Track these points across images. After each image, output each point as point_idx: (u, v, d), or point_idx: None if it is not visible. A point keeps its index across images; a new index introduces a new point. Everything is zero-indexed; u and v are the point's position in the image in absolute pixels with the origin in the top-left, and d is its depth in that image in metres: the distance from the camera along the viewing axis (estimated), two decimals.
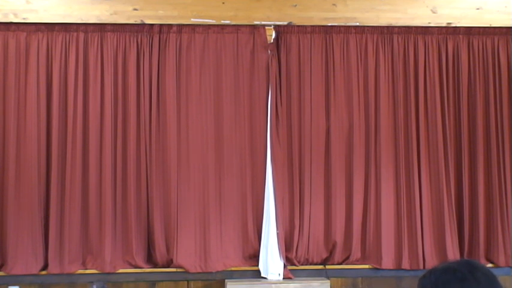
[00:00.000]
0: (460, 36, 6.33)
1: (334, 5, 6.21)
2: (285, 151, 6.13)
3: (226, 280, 5.87)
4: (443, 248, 6.07)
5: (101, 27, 6.05)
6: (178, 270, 5.93)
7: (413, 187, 6.13)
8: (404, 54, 6.29)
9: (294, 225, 6.07)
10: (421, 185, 6.14)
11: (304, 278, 5.96)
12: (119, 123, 5.99)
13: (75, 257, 5.87)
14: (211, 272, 5.93)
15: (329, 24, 6.21)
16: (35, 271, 5.80)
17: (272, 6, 6.17)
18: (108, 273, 5.85)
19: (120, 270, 5.90)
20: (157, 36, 6.08)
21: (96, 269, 5.87)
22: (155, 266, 5.99)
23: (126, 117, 6.01)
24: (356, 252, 6.12)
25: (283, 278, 5.92)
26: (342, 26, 6.23)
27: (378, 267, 6.08)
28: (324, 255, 6.13)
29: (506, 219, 6.16)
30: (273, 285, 5.84)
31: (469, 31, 6.34)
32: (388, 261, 6.08)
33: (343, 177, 6.15)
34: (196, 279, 5.95)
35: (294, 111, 6.16)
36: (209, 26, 6.14)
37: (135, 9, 6.06)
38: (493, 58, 6.33)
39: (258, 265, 5.96)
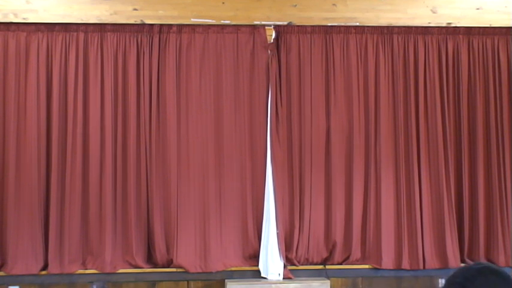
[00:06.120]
0: (460, 36, 6.33)
1: (334, 5, 6.21)
2: (285, 151, 6.13)
3: (226, 280, 5.87)
4: (443, 248, 6.07)
5: (101, 27, 6.05)
6: (178, 270, 5.93)
7: (413, 187, 6.13)
8: (404, 54, 6.29)
9: (294, 225, 6.07)
10: (421, 185, 6.14)
11: (304, 278, 5.96)
12: (119, 123, 5.99)
13: (75, 257, 5.87)
14: (211, 272, 5.93)
15: (329, 24, 6.21)
16: (35, 271, 5.80)
17: (272, 6, 6.17)
18: (108, 273, 5.85)
19: (120, 270, 5.90)
20: (157, 36, 6.08)
21: (96, 269, 5.87)
22: (155, 266, 5.99)
23: (126, 117, 6.01)
24: (356, 252, 6.12)
25: (283, 278, 5.92)
26: (342, 26, 6.23)
27: (378, 267, 6.08)
28: (324, 255, 6.12)
29: (506, 220, 6.16)
30: (273, 285, 5.84)
31: (469, 31, 6.34)
32: (388, 261, 6.08)
33: (343, 177, 6.15)
34: (196, 279, 5.95)
35: (294, 111, 6.16)
36: (209, 26, 6.14)
37: (135, 9, 6.06)
38: (493, 58, 6.33)
39: (258, 265, 5.96)
